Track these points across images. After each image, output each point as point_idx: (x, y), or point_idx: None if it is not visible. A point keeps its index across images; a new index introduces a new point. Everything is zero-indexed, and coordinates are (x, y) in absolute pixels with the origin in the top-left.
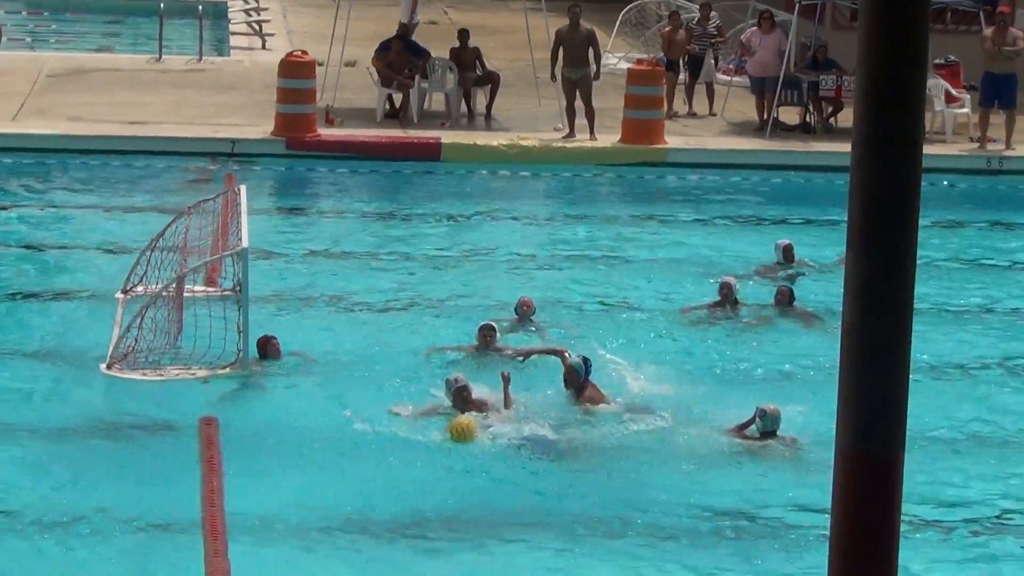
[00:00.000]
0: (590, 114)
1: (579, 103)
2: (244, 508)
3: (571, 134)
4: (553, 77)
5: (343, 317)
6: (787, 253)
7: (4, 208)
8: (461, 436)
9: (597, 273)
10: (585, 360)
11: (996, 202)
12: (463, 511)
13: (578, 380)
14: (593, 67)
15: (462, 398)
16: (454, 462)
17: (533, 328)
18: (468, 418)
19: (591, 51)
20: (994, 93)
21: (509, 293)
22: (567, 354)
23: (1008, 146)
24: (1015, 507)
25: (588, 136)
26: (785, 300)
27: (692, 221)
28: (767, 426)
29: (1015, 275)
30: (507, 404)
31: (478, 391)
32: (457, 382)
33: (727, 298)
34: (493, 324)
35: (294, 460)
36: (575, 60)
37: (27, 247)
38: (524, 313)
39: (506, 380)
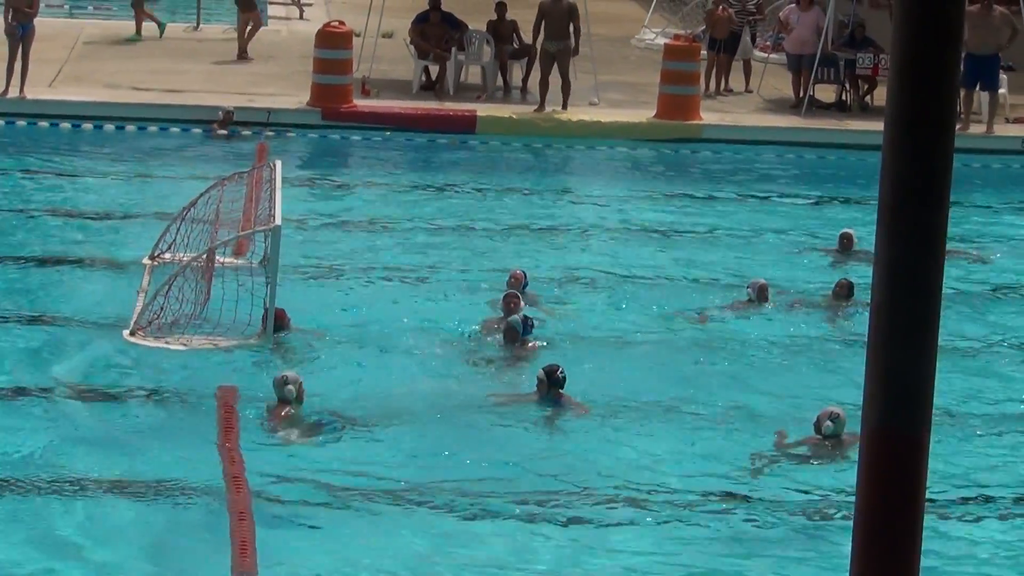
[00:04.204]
0: (566, 87)
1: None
2: (263, 474)
3: (541, 107)
4: (532, 49)
5: (371, 288)
6: (844, 242)
7: (39, 174)
8: None
9: (622, 248)
10: (526, 319)
11: None
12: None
13: (516, 337)
14: (572, 40)
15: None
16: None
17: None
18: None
19: (571, 24)
20: (975, 75)
21: (539, 264)
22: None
23: (990, 129)
24: None
25: (560, 109)
26: (843, 293)
27: (725, 198)
28: (837, 430)
29: None
30: None
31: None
32: (285, 381)
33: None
34: (518, 293)
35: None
36: (556, 32)
37: (60, 213)
38: (512, 285)
39: None
